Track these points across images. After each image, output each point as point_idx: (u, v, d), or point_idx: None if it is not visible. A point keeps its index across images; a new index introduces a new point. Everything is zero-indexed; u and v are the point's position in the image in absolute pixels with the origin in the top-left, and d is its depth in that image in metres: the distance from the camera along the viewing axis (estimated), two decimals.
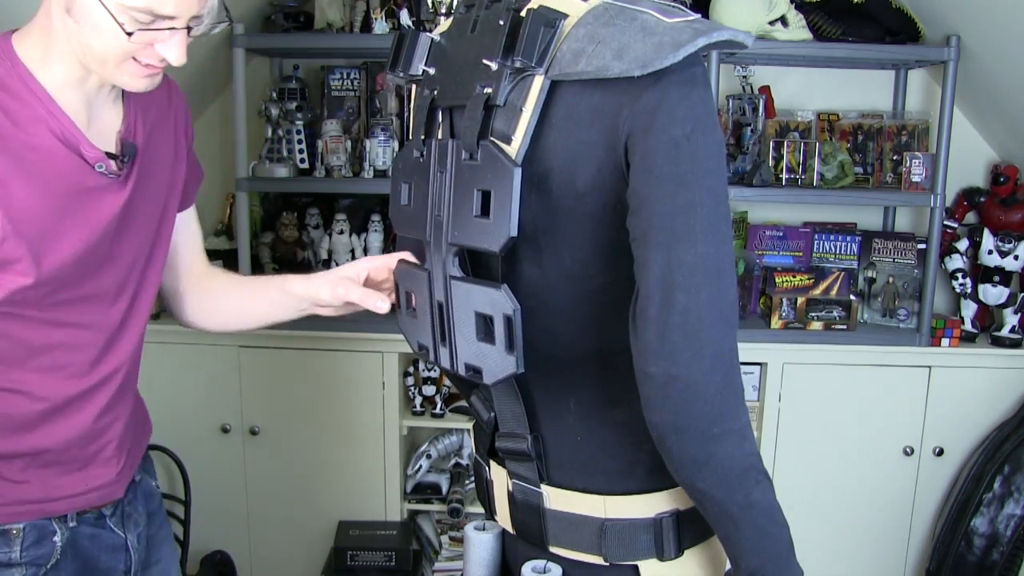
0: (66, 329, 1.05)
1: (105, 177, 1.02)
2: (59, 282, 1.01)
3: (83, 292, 1.05)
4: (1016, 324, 2.32)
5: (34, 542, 1.08)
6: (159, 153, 1.13)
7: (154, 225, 1.13)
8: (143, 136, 1.09)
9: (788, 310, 2.30)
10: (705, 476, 0.78)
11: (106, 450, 1.13)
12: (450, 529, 2.47)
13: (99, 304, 1.07)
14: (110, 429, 1.13)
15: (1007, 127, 2.41)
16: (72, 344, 1.06)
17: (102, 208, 1.03)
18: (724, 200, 0.78)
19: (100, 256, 1.05)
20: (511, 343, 0.82)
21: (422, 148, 0.93)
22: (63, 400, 1.06)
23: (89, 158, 1.00)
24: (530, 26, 0.79)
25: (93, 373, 1.08)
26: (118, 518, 1.17)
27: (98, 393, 1.10)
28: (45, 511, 1.09)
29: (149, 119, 1.11)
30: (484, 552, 1.01)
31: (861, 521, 2.35)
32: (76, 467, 1.10)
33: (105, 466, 1.13)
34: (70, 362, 1.06)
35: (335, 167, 2.32)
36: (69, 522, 1.11)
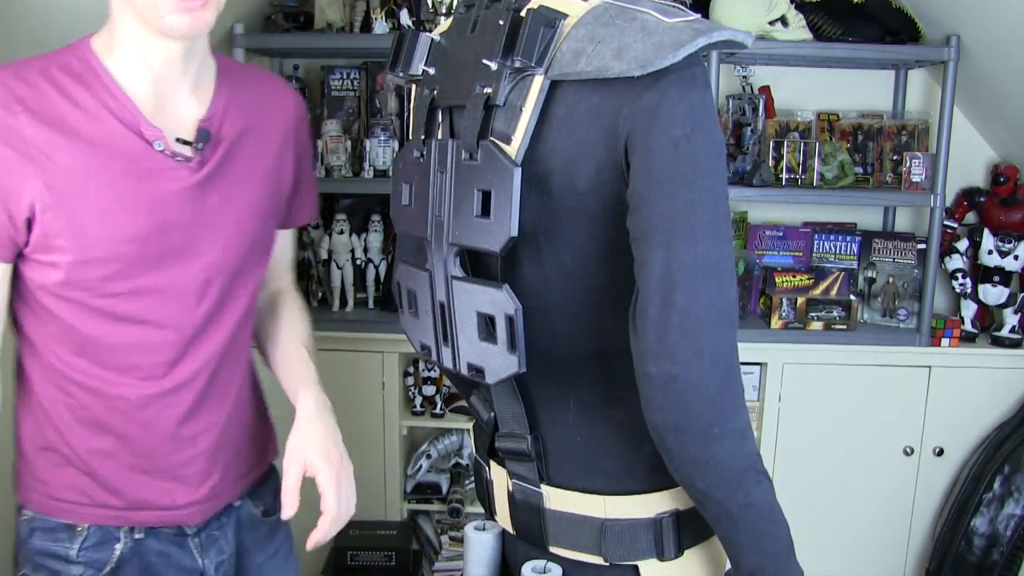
0: (135, 326, 1.03)
1: (169, 159, 1.01)
2: (115, 265, 0.99)
3: (148, 284, 1.02)
4: (1016, 324, 2.32)
5: (94, 544, 1.07)
6: (259, 158, 1.11)
7: (248, 230, 1.10)
8: (233, 133, 1.08)
9: (788, 310, 2.30)
10: (705, 476, 0.78)
11: (193, 464, 1.09)
12: (450, 529, 2.47)
13: (173, 302, 1.04)
14: (197, 441, 1.09)
15: (1007, 127, 2.41)
16: (145, 343, 1.03)
17: (166, 190, 1.01)
18: (724, 200, 0.78)
19: (165, 245, 1.02)
20: (513, 343, 0.82)
21: (422, 148, 0.93)
22: (139, 401, 1.05)
23: (148, 137, 1.00)
24: (530, 26, 0.79)
25: (169, 376, 1.06)
26: (201, 540, 1.13)
27: (178, 398, 1.07)
28: (124, 519, 1.07)
29: (247, 120, 1.10)
30: (484, 552, 1.01)
31: (861, 521, 2.35)
32: (162, 478, 1.08)
33: (191, 483, 1.09)
34: (143, 363, 1.04)
35: (335, 167, 2.32)
36: (136, 534, 1.08)
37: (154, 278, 1.02)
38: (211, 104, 1.07)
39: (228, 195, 1.07)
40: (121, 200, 0.99)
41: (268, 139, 1.13)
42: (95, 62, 1.00)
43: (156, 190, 1.01)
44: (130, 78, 1.00)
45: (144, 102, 1.01)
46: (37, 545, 1.07)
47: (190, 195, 1.03)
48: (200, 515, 1.11)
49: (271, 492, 1.23)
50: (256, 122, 1.12)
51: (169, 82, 1.03)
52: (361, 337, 2.28)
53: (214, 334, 1.08)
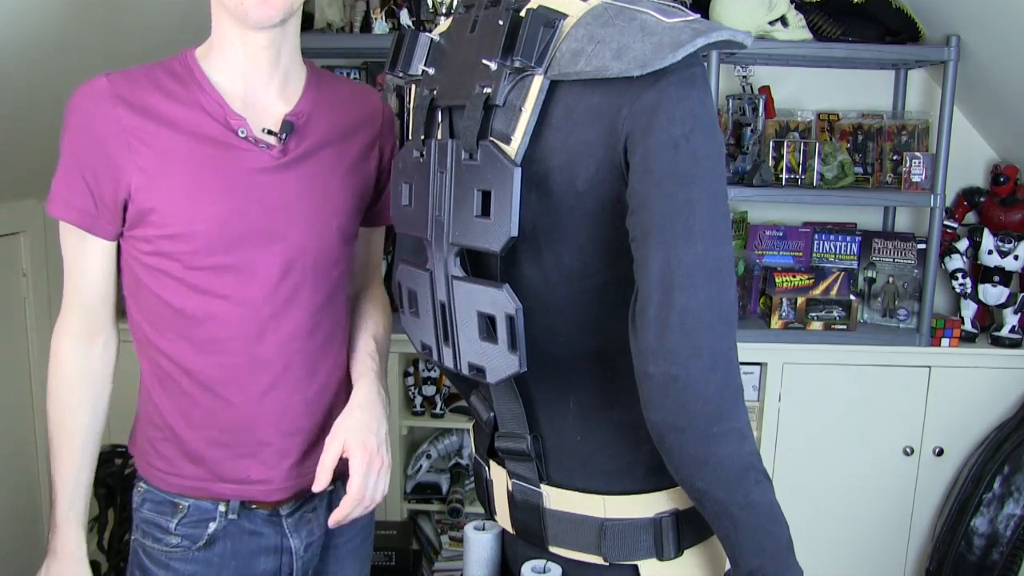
0: (216, 301, 1.09)
1: (251, 144, 1.09)
2: (200, 240, 1.07)
3: (230, 261, 1.09)
4: (1016, 324, 2.32)
5: (192, 521, 1.15)
6: (343, 156, 1.18)
7: (329, 220, 1.15)
8: (319, 131, 1.15)
9: (788, 310, 2.30)
10: (705, 475, 0.78)
11: (271, 444, 1.15)
12: (450, 529, 2.47)
13: (252, 280, 1.10)
14: (277, 423, 1.14)
15: (1007, 127, 2.41)
16: (222, 318, 1.10)
17: (244, 171, 1.09)
18: (723, 200, 0.78)
19: (247, 225, 1.09)
20: (513, 342, 0.82)
21: (422, 148, 0.93)
22: (220, 377, 1.11)
23: (232, 125, 1.09)
24: (529, 26, 0.79)
25: (247, 354, 1.11)
26: (294, 520, 1.19)
27: (256, 377, 1.12)
28: (206, 491, 1.14)
29: (333, 121, 1.18)
30: (484, 552, 1.01)
31: (861, 521, 2.35)
32: (245, 453, 1.14)
33: (268, 462, 1.15)
34: (222, 337, 1.10)
35: None
36: (230, 514, 1.15)
37: (235, 256, 1.09)
38: (298, 103, 1.15)
39: (310, 184, 1.14)
40: (204, 181, 1.07)
41: (354, 140, 1.20)
42: (193, 64, 1.11)
43: (238, 172, 1.09)
44: (222, 76, 1.11)
45: (233, 97, 1.11)
46: (146, 514, 1.17)
47: (271, 179, 1.11)
48: (280, 493, 1.17)
49: None
50: (342, 124, 1.19)
51: (258, 80, 1.12)
52: None
53: (292, 317, 1.14)
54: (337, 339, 1.22)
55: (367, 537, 1.33)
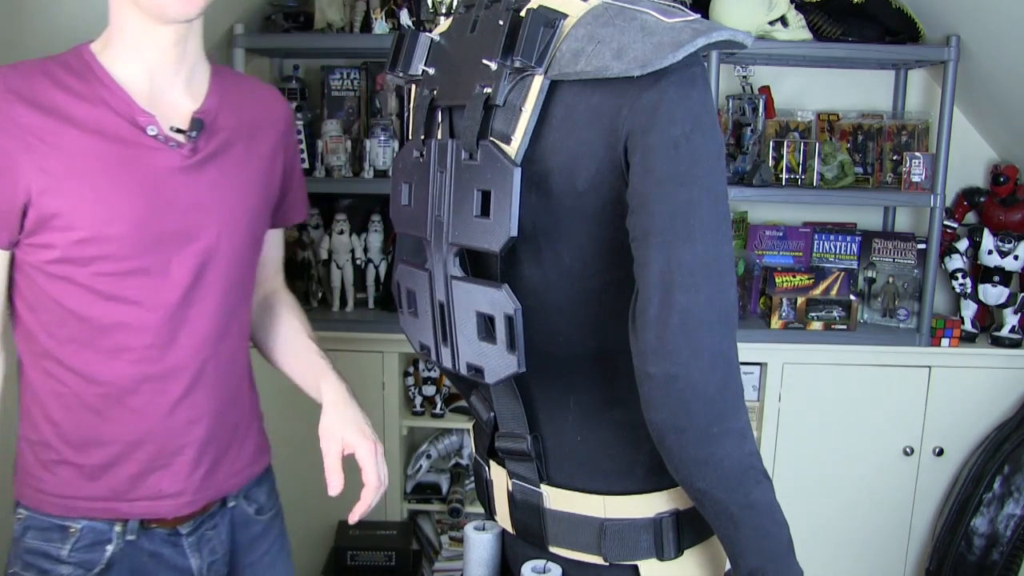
0: (127, 307, 1.05)
1: (162, 144, 1.05)
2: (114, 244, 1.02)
3: (143, 264, 1.05)
4: (1016, 324, 2.32)
5: (86, 545, 1.07)
6: (250, 157, 1.15)
7: (241, 221, 1.13)
8: (226, 129, 1.12)
9: (788, 310, 2.30)
10: (705, 476, 0.78)
11: (184, 453, 1.10)
12: (450, 529, 2.47)
13: (163, 284, 1.06)
14: (190, 430, 1.10)
15: (1007, 127, 2.41)
16: (133, 325, 1.05)
17: (159, 174, 1.05)
18: (723, 200, 0.78)
19: (162, 227, 1.05)
20: (512, 343, 0.82)
21: (422, 148, 0.93)
22: (130, 386, 1.06)
23: (141, 122, 1.04)
24: (530, 26, 0.79)
25: (160, 361, 1.07)
26: (195, 539, 1.14)
27: (169, 384, 1.08)
28: (113, 511, 1.08)
29: (239, 121, 1.14)
30: (484, 552, 1.01)
31: (861, 521, 2.35)
32: (151, 469, 1.09)
33: (181, 473, 1.10)
34: (132, 345, 1.06)
35: (335, 167, 2.32)
36: (128, 534, 1.09)
37: (148, 259, 1.05)
38: (205, 100, 1.11)
39: (222, 184, 1.10)
40: (116, 183, 1.02)
41: (260, 141, 1.17)
42: (91, 59, 1.05)
43: (150, 173, 1.04)
44: (125, 71, 1.05)
45: (139, 93, 1.05)
46: (29, 544, 1.08)
47: (183, 179, 1.06)
48: (190, 506, 1.12)
49: (266, 492, 1.26)
50: (248, 124, 1.16)
51: (163, 76, 1.07)
52: (361, 337, 2.28)
53: (205, 320, 1.10)
54: (244, 343, 1.20)
55: (282, 550, 1.29)
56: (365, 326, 2.29)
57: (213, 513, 1.16)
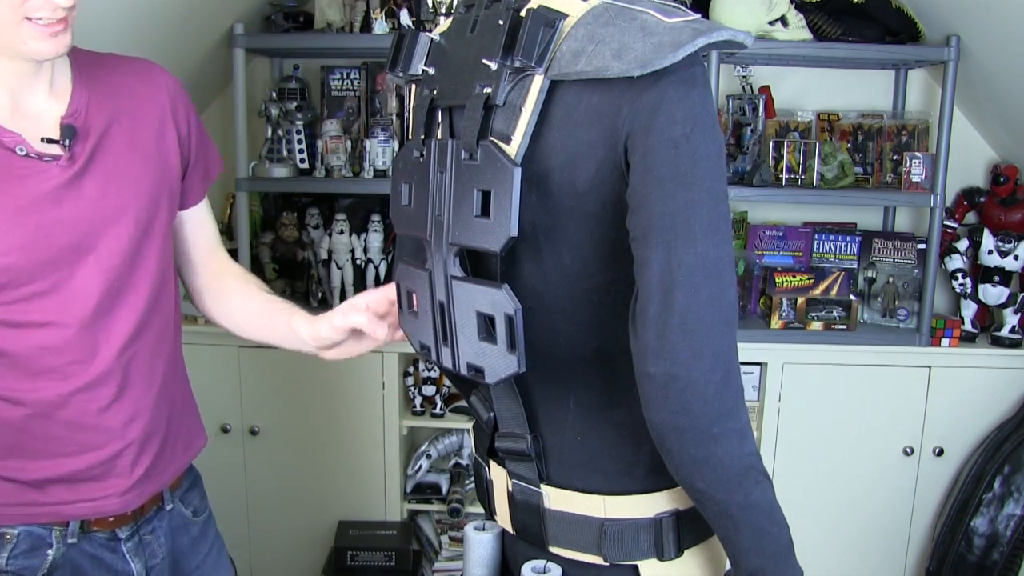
0: (39, 331, 1.02)
1: (36, 161, 0.99)
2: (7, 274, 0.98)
3: (45, 286, 1.01)
4: (1016, 324, 2.32)
5: (25, 551, 1.06)
6: (135, 143, 1.09)
7: (135, 217, 1.08)
8: (102, 123, 1.06)
9: (788, 310, 2.30)
10: (705, 476, 0.78)
11: (125, 454, 1.09)
12: (450, 529, 2.47)
13: (73, 299, 1.03)
14: (127, 432, 1.09)
15: (1007, 127, 2.41)
16: (50, 345, 1.02)
17: (36, 192, 0.99)
18: (724, 200, 0.78)
19: (53, 246, 1.00)
20: (512, 343, 0.82)
21: (422, 148, 0.93)
22: (59, 402, 1.04)
23: (7, 143, 0.98)
24: (530, 26, 0.79)
25: (86, 372, 1.05)
26: (134, 544, 1.13)
27: (97, 391, 1.06)
28: (56, 514, 1.06)
29: (115, 107, 1.08)
30: (484, 552, 1.01)
31: (861, 521, 2.35)
32: (92, 473, 1.07)
33: (123, 473, 1.09)
34: (54, 364, 1.03)
35: (335, 167, 2.32)
36: (68, 538, 1.08)
37: (50, 280, 1.01)
38: (71, 100, 1.05)
39: (107, 185, 1.05)
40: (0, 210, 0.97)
41: (142, 123, 1.11)
42: None
43: (29, 195, 0.99)
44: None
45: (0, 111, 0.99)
46: None
47: (66, 193, 1.01)
48: (137, 500, 1.11)
49: (199, 494, 1.26)
50: (126, 107, 1.09)
51: (23, 89, 1.01)
52: None
53: (121, 323, 1.08)
54: (169, 331, 1.16)
55: (221, 552, 1.28)
56: None
57: (150, 517, 1.15)
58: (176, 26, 1.97)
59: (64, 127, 1.02)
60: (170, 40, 2.00)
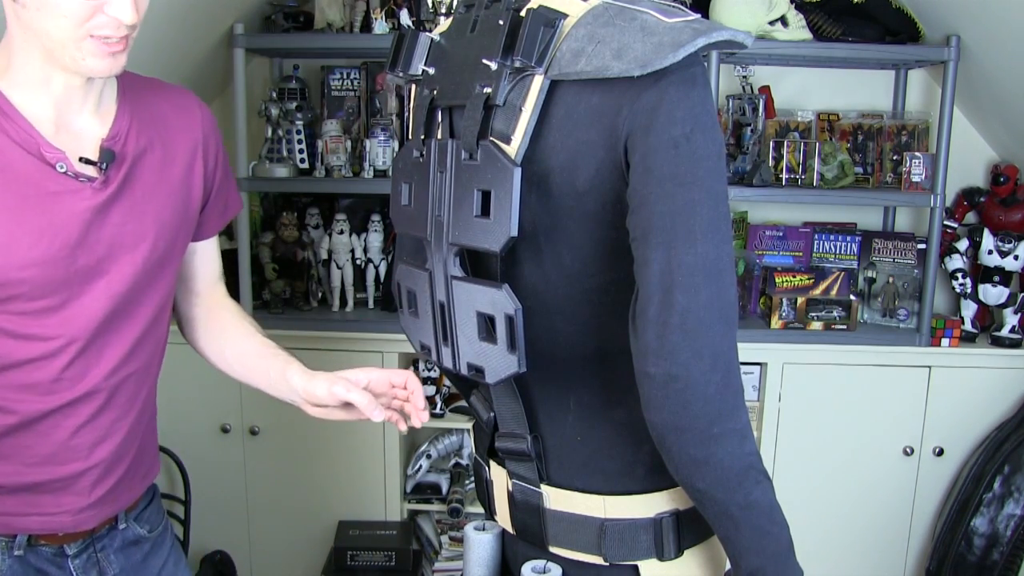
0: (37, 343, 1.01)
1: (72, 180, 1.00)
2: (23, 287, 0.98)
3: (53, 304, 1.01)
4: (1016, 324, 2.32)
5: None
6: (164, 174, 1.10)
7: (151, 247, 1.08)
8: (138, 149, 1.07)
9: (788, 310, 2.30)
10: (705, 476, 0.78)
11: (88, 475, 1.07)
12: (450, 529, 2.47)
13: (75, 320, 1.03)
14: (93, 453, 1.07)
15: (1007, 127, 2.41)
16: (44, 360, 1.02)
17: (68, 211, 1.00)
18: (724, 200, 0.78)
19: (72, 268, 1.01)
20: (513, 343, 0.82)
21: (422, 148, 0.93)
22: (38, 415, 1.03)
23: (49, 159, 0.98)
24: (530, 26, 0.79)
25: (71, 390, 1.04)
26: (83, 561, 1.11)
27: (76, 410, 1.05)
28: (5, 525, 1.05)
29: (152, 135, 1.09)
30: (484, 552, 1.01)
31: (861, 521, 2.35)
32: (50, 487, 1.06)
33: (83, 492, 1.07)
34: (43, 379, 1.02)
35: (335, 167, 2.32)
36: (15, 549, 1.06)
37: (59, 297, 1.01)
38: (114, 122, 1.05)
39: (132, 213, 1.06)
40: (22, 225, 0.97)
41: (174, 153, 1.12)
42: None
43: (59, 212, 0.99)
44: (28, 101, 0.99)
45: (44, 125, 0.99)
46: None
47: (93, 215, 1.02)
48: (90, 521, 1.09)
49: (155, 510, 1.23)
50: (161, 136, 1.11)
51: (71, 105, 1.02)
52: (361, 337, 2.28)
53: (115, 347, 1.07)
54: (156, 358, 1.16)
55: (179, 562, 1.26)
56: (365, 326, 2.29)
57: (101, 536, 1.13)
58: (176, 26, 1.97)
59: (104, 151, 1.02)
60: (170, 40, 2.00)
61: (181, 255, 1.17)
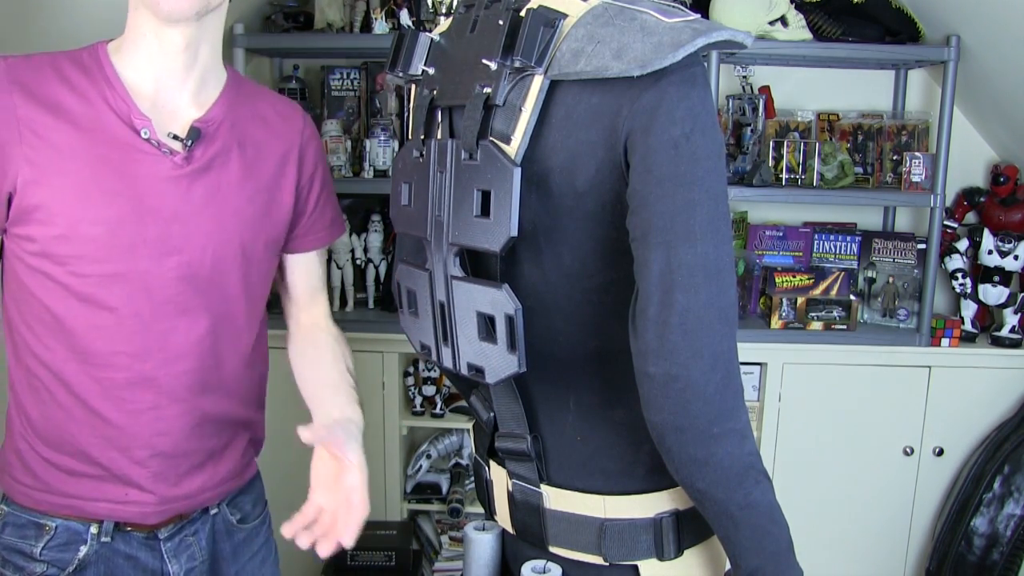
0: (101, 312, 1.03)
1: (155, 149, 1.03)
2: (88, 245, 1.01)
3: (119, 270, 1.02)
4: (1016, 324, 2.32)
5: (60, 544, 1.07)
6: (253, 171, 1.12)
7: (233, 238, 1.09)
8: (229, 141, 1.10)
9: (788, 310, 2.30)
10: (705, 476, 0.78)
11: (148, 465, 1.08)
12: (450, 529, 2.47)
13: (140, 293, 1.04)
14: (154, 443, 1.08)
15: (1007, 127, 2.41)
16: (105, 330, 1.03)
17: (147, 179, 1.03)
18: (723, 200, 0.78)
19: (140, 233, 1.03)
20: (513, 343, 0.82)
21: (421, 148, 0.93)
22: (99, 392, 1.05)
23: (136, 125, 1.03)
24: (529, 26, 0.79)
25: (129, 368, 1.05)
26: (174, 544, 1.13)
27: (136, 393, 1.06)
28: (79, 509, 1.07)
29: (246, 133, 1.12)
30: (484, 552, 1.01)
31: (861, 521, 2.35)
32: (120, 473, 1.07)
33: (144, 483, 1.08)
34: (104, 351, 1.04)
35: (335, 167, 2.32)
36: (103, 536, 1.08)
37: (125, 265, 1.03)
38: (210, 109, 1.09)
39: (212, 199, 1.08)
40: (99, 182, 1.01)
41: (267, 155, 1.14)
42: (104, 58, 1.05)
43: (136, 176, 1.03)
44: (133, 74, 1.05)
45: (142, 97, 1.05)
46: (6, 540, 1.08)
47: (171, 188, 1.05)
48: (156, 516, 1.10)
49: (251, 500, 1.25)
50: (257, 137, 1.13)
51: (170, 82, 1.06)
52: (361, 337, 2.28)
53: (181, 334, 1.07)
54: (236, 363, 1.15)
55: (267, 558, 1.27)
56: (365, 326, 2.29)
57: (194, 519, 1.15)
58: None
59: (192, 129, 1.06)
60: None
61: (268, 260, 1.17)
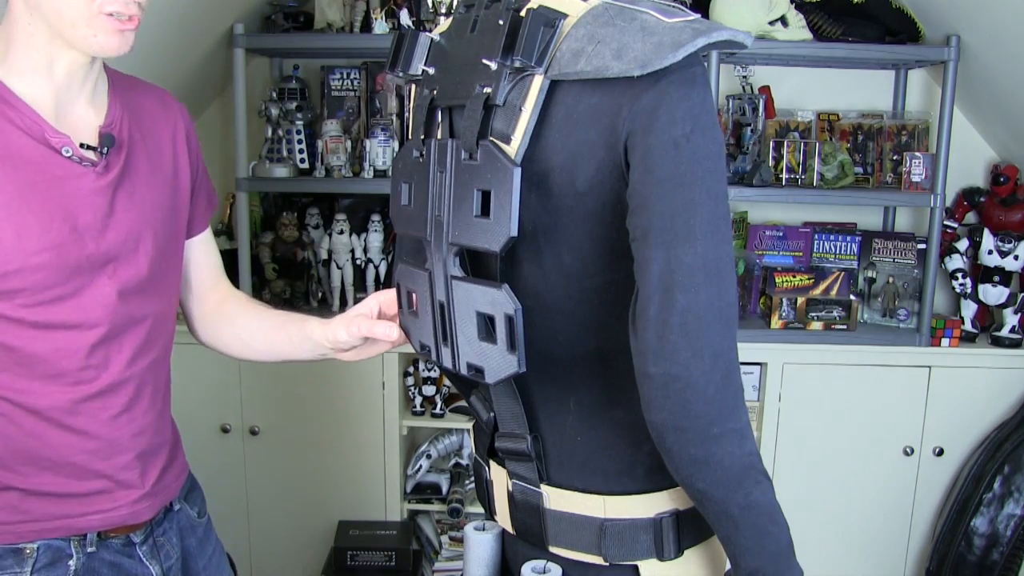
0: (56, 332, 1.02)
1: (76, 165, 1.01)
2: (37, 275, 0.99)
3: (69, 290, 1.02)
4: (1016, 324, 2.32)
5: (47, 564, 1.06)
6: (156, 163, 1.12)
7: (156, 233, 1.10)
8: (131, 139, 1.09)
9: (788, 310, 2.30)
10: (705, 476, 0.78)
11: (134, 467, 1.10)
12: (450, 529, 2.47)
13: (90, 305, 1.04)
14: (135, 443, 1.10)
15: (1007, 127, 2.41)
16: (65, 349, 1.03)
17: (75, 196, 1.01)
18: (724, 200, 0.78)
19: (82, 251, 1.02)
20: (512, 343, 0.82)
21: (421, 148, 0.93)
22: (69, 408, 1.04)
23: (54, 143, 0.99)
24: (530, 26, 0.79)
25: (96, 380, 1.06)
26: (149, 547, 1.14)
27: (107, 401, 1.07)
28: (68, 527, 1.07)
29: (140, 124, 1.11)
30: (484, 552, 1.01)
31: (861, 521, 2.35)
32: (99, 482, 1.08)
33: (129, 485, 1.10)
34: (67, 368, 1.04)
35: (335, 167, 2.32)
36: (87, 547, 1.08)
37: (74, 283, 1.02)
38: (108, 111, 1.07)
39: (133, 200, 1.08)
40: (33, 211, 0.98)
41: (160, 145, 1.15)
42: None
43: (66, 196, 1.00)
44: (28, 88, 1.00)
45: (46, 111, 1.00)
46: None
47: (98, 200, 1.03)
48: (148, 511, 1.12)
49: (199, 496, 1.27)
50: (149, 129, 1.13)
51: (70, 92, 1.03)
52: None
53: (134, 335, 1.09)
54: (169, 348, 1.18)
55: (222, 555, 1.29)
56: None
57: (160, 520, 1.16)
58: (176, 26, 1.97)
59: (103, 135, 1.04)
60: (170, 40, 2.00)
61: (182, 247, 1.19)
